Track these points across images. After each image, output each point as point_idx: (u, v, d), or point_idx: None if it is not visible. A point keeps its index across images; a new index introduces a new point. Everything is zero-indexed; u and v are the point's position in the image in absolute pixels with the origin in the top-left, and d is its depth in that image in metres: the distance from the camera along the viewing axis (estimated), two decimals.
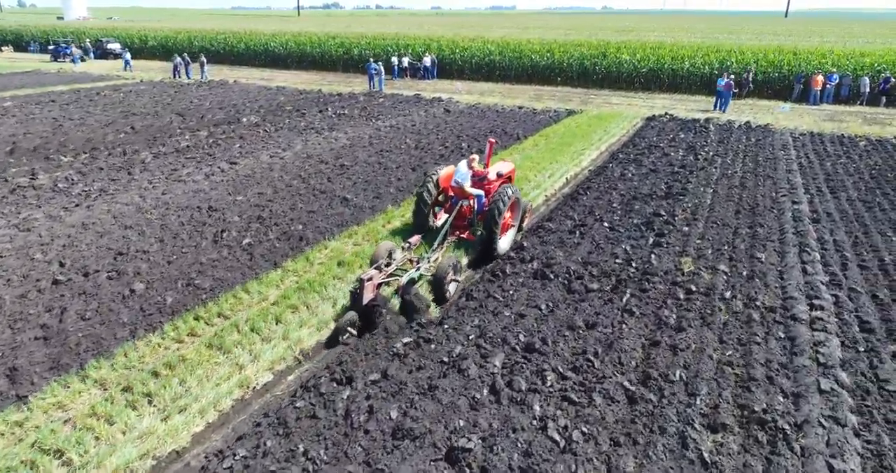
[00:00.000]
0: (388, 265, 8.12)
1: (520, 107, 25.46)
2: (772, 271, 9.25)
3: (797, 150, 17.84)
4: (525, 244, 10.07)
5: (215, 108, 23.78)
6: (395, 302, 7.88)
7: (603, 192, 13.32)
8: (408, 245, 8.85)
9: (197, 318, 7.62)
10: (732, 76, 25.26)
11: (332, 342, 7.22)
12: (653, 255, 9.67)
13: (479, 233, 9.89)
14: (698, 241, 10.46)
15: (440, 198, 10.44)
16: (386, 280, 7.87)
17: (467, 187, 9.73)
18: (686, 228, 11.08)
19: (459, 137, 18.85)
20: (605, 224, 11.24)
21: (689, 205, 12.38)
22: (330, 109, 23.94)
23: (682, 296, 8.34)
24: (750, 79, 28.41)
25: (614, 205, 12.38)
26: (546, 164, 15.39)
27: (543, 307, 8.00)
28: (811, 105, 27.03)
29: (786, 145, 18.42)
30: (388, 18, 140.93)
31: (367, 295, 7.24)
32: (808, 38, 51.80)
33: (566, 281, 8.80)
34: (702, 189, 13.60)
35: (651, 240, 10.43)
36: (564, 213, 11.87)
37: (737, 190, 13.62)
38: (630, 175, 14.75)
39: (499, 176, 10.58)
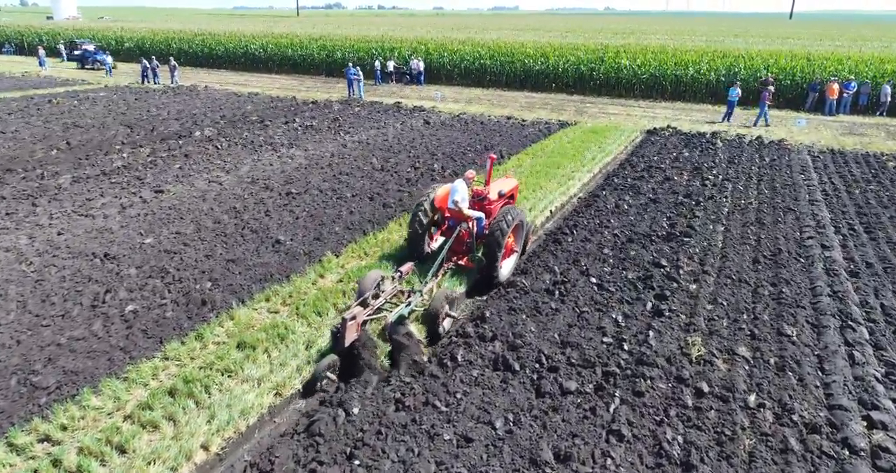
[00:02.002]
0: (376, 297, 7.16)
1: (508, 118, 23.25)
2: (808, 358, 7.02)
3: (819, 173, 15.59)
4: (487, 313, 7.84)
5: (171, 119, 21.58)
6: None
7: (592, 231, 11.09)
8: (399, 274, 7.85)
9: (11, 446, 5.42)
10: (770, 88, 22.84)
11: (309, 389, 6.39)
12: (651, 331, 7.46)
13: (478, 259, 8.92)
14: (709, 307, 8.23)
15: (436, 218, 9.33)
16: (372, 317, 6.92)
17: (465, 209, 8.77)
18: (693, 286, 8.86)
19: (434, 156, 16.64)
20: (593, 279, 9.01)
21: (697, 251, 10.15)
22: (297, 120, 21.73)
23: (689, 403, 6.12)
24: (772, 88, 26.14)
25: (605, 250, 10.14)
26: (529, 193, 13.16)
27: (500, 423, 5.78)
28: (827, 115, 24.78)
29: (805, 167, 16.17)
30: (387, 19, 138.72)
31: (350, 336, 6.37)
32: (818, 41, 49.52)
33: (535, 376, 6.58)
34: (711, 226, 11.37)
35: (649, 306, 8.20)
36: (544, 263, 9.64)
37: (753, 228, 11.39)
38: (626, 206, 12.52)
39: (500, 195, 9.57)
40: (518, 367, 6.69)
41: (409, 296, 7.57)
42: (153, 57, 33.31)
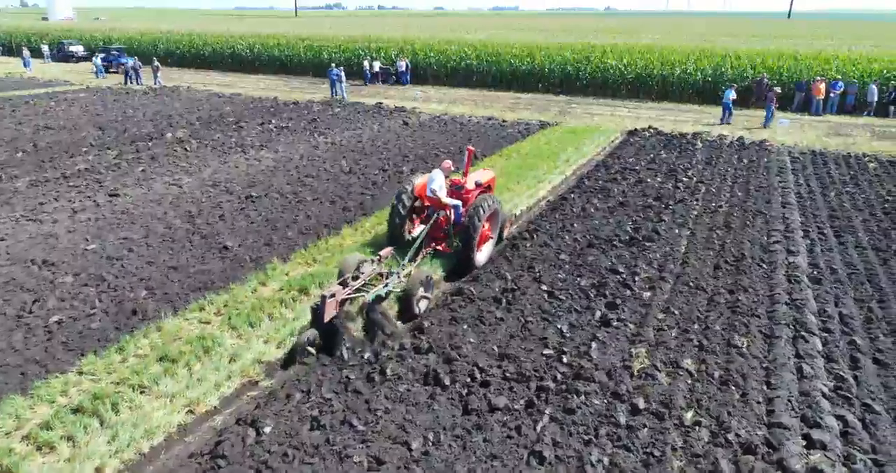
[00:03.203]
0: (356, 278, 7.44)
1: (489, 119, 22.93)
2: (754, 371, 6.71)
3: (796, 175, 15.27)
4: (426, 324, 7.53)
5: (146, 121, 21.29)
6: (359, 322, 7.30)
7: (553, 236, 10.78)
8: (378, 258, 8.05)
9: None
10: (776, 89, 22.26)
11: (290, 361, 6.77)
12: (595, 342, 7.14)
13: (455, 245, 9.38)
14: (660, 316, 7.91)
15: (417, 207, 9.92)
16: (351, 296, 7.21)
17: (443, 197, 9.23)
18: (647, 294, 8.54)
19: (406, 158, 16.34)
20: (544, 287, 8.70)
21: (658, 256, 9.84)
22: (273, 121, 21.43)
23: (622, 421, 5.81)
24: (765, 88, 25.80)
25: (562, 256, 9.83)
26: (496, 195, 12.81)
27: (417, 443, 5.48)
28: (814, 116, 24.44)
29: (783, 168, 15.84)
30: (386, 19, 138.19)
31: (330, 313, 6.71)
32: (810, 40, 49.14)
33: (465, 391, 6.27)
34: (676, 230, 11.06)
35: (598, 315, 7.89)
36: (496, 269, 9.33)
37: (719, 232, 11.07)
38: (592, 210, 12.21)
39: (477, 185, 10.03)
40: (448, 382, 6.38)
41: (386, 278, 7.86)
42: (135, 57, 32.98)
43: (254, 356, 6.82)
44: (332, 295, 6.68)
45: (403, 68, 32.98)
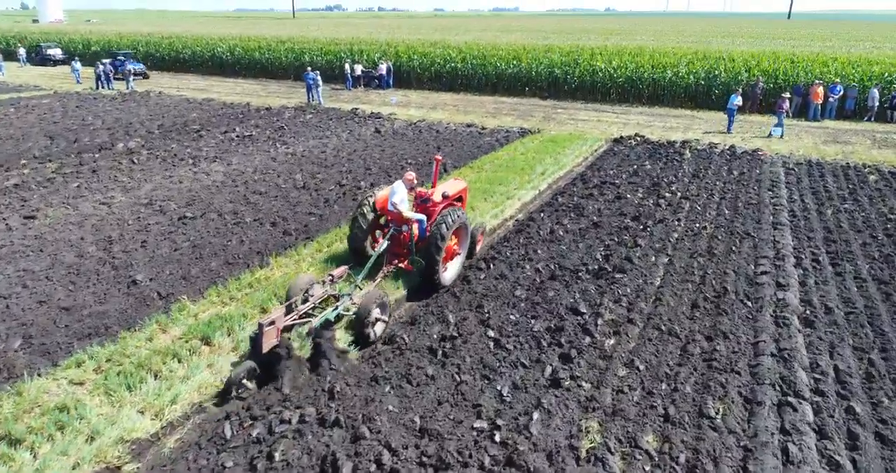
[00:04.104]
0: (305, 301, 7.06)
1: (468, 126, 21.70)
2: (729, 453, 5.46)
3: (790, 189, 14.03)
4: (338, 387, 6.27)
5: (102, 129, 20.08)
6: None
7: (513, 265, 9.54)
8: (330, 278, 7.61)
9: None
10: (785, 95, 20.61)
11: (224, 396, 6.11)
12: (539, 410, 5.91)
13: (417, 262, 8.68)
14: (622, 373, 6.68)
15: (381, 221, 9.25)
16: (295, 322, 6.79)
17: (405, 211, 8.53)
18: (610, 341, 7.31)
19: (368, 170, 15.12)
20: (491, 332, 7.46)
21: (628, 291, 8.60)
22: (238, 129, 20.21)
23: None
24: (760, 91, 24.63)
25: (517, 292, 8.59)
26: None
27: None
28: (811, 121, 23.20)
29: (776, 182, 14.59)
30: (384, 20, 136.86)
31: (269, 342, 6.20)
32: (809, 42, 47.91)
33: None
34: (652, 258, 9.82)
35: (548, 371, 6.65)
36: (440, 309, 8.09)
37: (701, 259, 9.83)
38: (561, 233, 10.97)
39: (445, 197, 9.12)
40: (348, 472, 5.14)
41: (339, 301, 7.38)
42: (106, 61, 31.78)
43: (119, 433, 5.59)
44: (272, 323, 6.16)
45: (385, 71, 31.77)
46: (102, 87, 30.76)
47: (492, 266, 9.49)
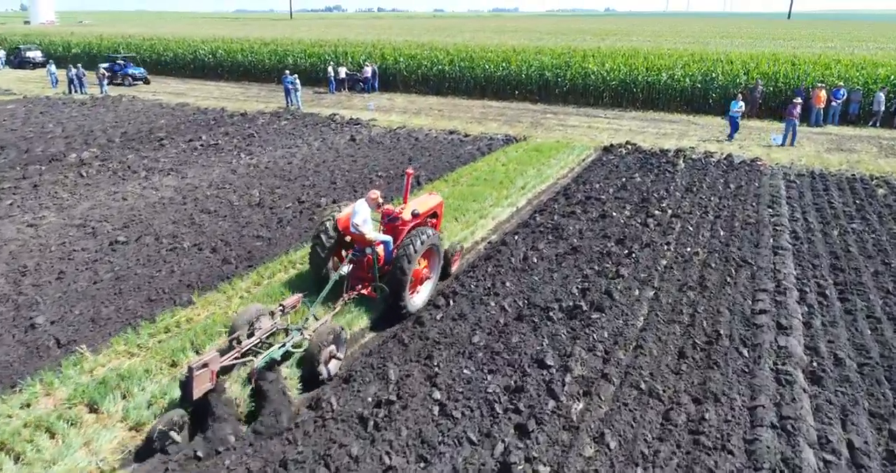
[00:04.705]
0: (251, 335, 6.36)
1: (451, 133, 20.50)
2: None
3: (792, 206, 12.82)
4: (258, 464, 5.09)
5: (61, 137, 18.88)
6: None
7: (475, 301, 8.34)
8: (281, 308, 6.87)
9: None
10: (797, 100, 18.80)
11: (145, 451, 5.28)
12: None
13: (379, 288, 7.84)
14: (589, 452, 5.48)
15: (347, 239, 8.40)
16: (235, 362, 5.97)
17: (368, 232, 7.76)
18: (578, 406, 6.11)
19: (333, 185, 13.94)
20: (438, 394, 6.26)
21: (605, 335, 7.41)
22: (204, 137, 19.02)
23: None
24: (759, 95, 23.43)
25: (476, 337, 7.38)
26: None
27: None
28: (813, 127, 21.98)
29: (777, 197, 13.38)
30: (382, 21, 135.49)
31: (201, 387, 5.42)
32: (810, 42, 46.70)
33: None
34: (636, 292, 8.62)
35: (499, 450, 5.45)
36: (382, 361, 6.89)
37: (691, 294, 8.62)
38: (536, 259, 9.77)
39: (415, 216, 8.38)
40: None
41: (288, 335, 6.60)
42: (79, 65, 30.58)
43: None
44: (204, 365, 5.43)
45: (370, 74, 30.59)
46: (75, 91, 29.58)
47: (451, 302, 8.30)
